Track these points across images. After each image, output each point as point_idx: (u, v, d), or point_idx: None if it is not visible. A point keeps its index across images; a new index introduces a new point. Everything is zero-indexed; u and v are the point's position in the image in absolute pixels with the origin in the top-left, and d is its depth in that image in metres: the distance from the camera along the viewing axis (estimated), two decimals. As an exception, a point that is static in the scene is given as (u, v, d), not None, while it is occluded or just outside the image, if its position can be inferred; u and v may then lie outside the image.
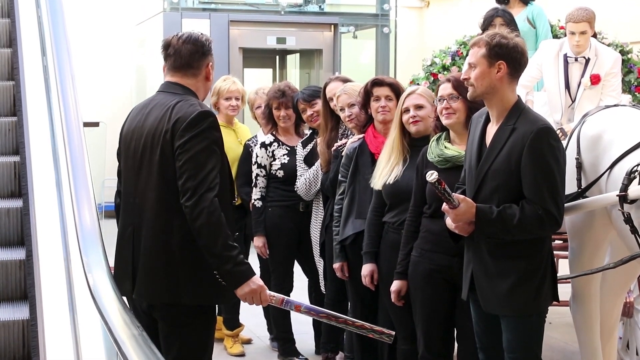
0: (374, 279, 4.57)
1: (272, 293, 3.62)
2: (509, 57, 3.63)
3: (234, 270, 3.43)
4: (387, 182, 4.41)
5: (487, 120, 3.76)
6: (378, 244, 4.54)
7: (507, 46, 3.62)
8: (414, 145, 4.42)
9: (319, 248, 5.46)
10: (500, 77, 3.62)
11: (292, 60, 11.83)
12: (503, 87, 3.65)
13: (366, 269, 4.58)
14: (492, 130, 3.71)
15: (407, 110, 4.40)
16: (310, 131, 5.70)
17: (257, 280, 3.52)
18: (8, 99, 5.17)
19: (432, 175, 3.45)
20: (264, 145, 5.77)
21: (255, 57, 11.33)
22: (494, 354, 3.82)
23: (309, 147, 5.62)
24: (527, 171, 3.56)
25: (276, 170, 5.73)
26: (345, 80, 5.32)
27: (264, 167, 5.76)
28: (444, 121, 4.13)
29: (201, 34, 3.72)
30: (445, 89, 4.14)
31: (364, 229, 4.64)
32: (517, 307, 3.66)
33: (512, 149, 3.59)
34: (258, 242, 5.75)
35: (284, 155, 5.73)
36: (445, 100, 4.11)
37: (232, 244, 3.42)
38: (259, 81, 9.91)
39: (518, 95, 3.74)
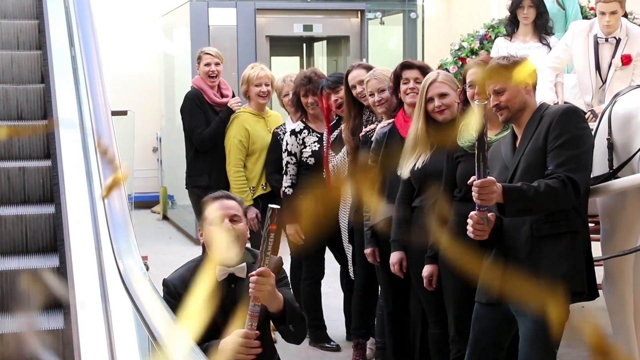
0: (403, 266, 4.55)
1: (243, 330, 3.37)
2: None
3: None
4: (415, 167, 4.39)
5: (515, 136, 3.82)
6: (406, 231, 4.52)
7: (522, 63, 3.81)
8: (440, 130, 4.39)
9: (347, 234, 5.45)
10: (528, 91, 3.78)
11: (319, 48, 11.79)
12: (531, 98, 3.80)
13: (395, 256, 4.56)
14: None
15: (431, 99, 4.37)
16: (337, 117, 5.69)
17: (225, 344, 3.40)
18: (34, 35, 5.28)
19: (482, 101, 3.46)
20: (294, 132, 5.77)
21: (282, 45, 11.31)
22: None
23: (336, 132, 5.61)
24: (553, 142, 3.61)
25: (307, 158, 5.72)
26: (368, 68, 5.30)
27: (295, 154, 5.75)
28: None
29: None
30: (477, 73, 4.11)
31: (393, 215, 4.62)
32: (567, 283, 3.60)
33: (541, 129, 3.66)
34: (291, 229, 5.76)
35: (314, 142, 5.72)
36: (477, 86, 4.08)
37: None
38: (286, 69, 9.89)
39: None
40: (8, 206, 4.46)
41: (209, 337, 3.48)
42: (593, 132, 4.62)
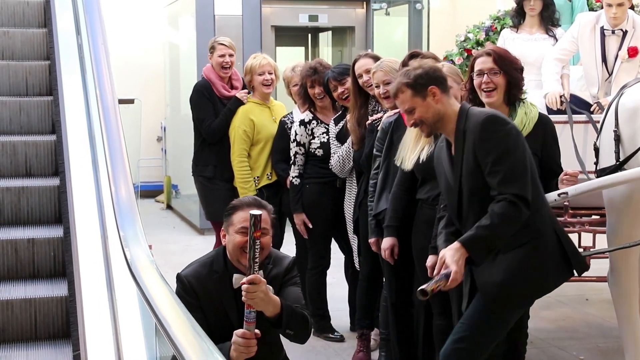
0: (395, 253, 4.56)
1: (241, 330, 3.41)
2: (432, 79, 3.69)
3: None
4: (419, 161, 4.38)
5: (449, 143, 3.78)
6: (401, 218, 4.53)
7: (423, 73, 3.69)
8: None
9: (352, 225, 5.46)
10: (438, 100, 3.68)
11: (325, 38, 11.77)
12: (445, 106, 3.70)
13: (387, 242, 4.57)
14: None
15: None
16: (343, 108, 5.68)
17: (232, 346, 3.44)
18: (44, 78, 5.19)
19: (423, 294, 3.46)
20: (303, 123, 5.77)
21: (287, 35, 11.30)
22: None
23: (341, 124, 5.60)
24: (484, 162, 3.56)
25: (315, 149, 5.72)
26: (375, 58, 5.29)
27: (303, 145, 5.75)
28: (485, 99, 4.09)
29: None
30: (486, 62, 4.10)
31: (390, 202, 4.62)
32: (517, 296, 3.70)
33: (468, 149, 3.61)
34: (298, 219, 5.77)
35: (322, 133, 5.72)
36: (485, 75, 4.06)
37: None
38: (291, 59, 9.89)
39: (461, 103, 3.80)
40: (15, 284, 4.06)
41: (225, 339, 3.49)
42: (600, 125, 4.62)
